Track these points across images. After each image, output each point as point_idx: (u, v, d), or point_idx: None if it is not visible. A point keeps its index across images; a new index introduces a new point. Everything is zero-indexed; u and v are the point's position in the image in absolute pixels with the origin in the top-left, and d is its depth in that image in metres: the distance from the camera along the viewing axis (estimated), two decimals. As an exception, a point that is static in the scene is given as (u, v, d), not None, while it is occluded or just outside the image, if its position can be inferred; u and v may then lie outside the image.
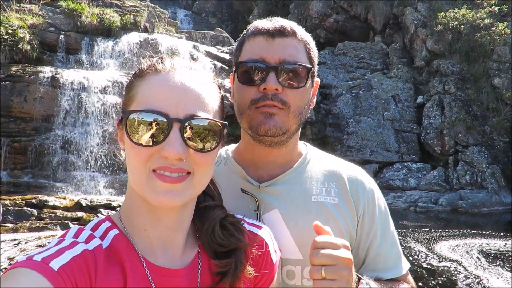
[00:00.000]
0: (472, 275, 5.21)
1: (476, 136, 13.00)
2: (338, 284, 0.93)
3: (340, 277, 0.93)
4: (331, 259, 0.93)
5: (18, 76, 10.84)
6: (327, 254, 0.94)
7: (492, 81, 13.70)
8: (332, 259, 0.94)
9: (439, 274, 5.28)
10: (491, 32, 13.91)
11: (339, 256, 0.94)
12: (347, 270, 0.95)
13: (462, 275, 5.21)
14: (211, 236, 0.97)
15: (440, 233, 8.17)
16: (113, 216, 0.96)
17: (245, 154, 1.31)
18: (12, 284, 0.71)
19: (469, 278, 5.04)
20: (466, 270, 5.42)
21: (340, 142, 13.81)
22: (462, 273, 5.29)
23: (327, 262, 0.94)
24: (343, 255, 0.95)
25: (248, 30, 1.27)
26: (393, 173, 12.85)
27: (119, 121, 0.94)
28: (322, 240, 0.97)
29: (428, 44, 15.17)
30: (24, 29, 11.80)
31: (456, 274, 5.22)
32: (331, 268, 0.93)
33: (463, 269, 5.46)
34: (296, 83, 1.18)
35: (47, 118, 10.81)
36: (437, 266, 5.64)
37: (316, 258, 0.94)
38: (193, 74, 0.92)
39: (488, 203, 11.48)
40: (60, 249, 0.80)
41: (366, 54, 16.92)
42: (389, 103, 14.64)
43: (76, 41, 12.97)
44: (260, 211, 1.22)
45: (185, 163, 0.86)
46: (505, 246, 7.20)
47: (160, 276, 0.88)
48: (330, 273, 0.93)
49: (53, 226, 7.47)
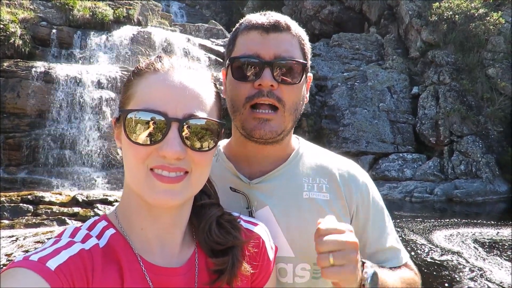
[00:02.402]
0: (476, 267, 5.26)
1: (470, 126, 13.08)
2: (347, 269, 0.91)
3: (349, 261, 0.91)
4: (338, 244, 0.91)
5: (10, 71, 10.73)
6: (333, 239, 0.92)
7: (486, 71, 13.74)
8: (339, 244, 0.91)
9: (438, 266, 5.33)
10: (485, 22, 13.91)
11: (345, 240, 0.92)
12: (354, 253, 0.93)
13: (462, 266, 5.27)
14: (207, 234, 0.97)
15: (436, 223, 8.26)
16: (109, 215, 0.96)
17: (237, 150, 1.29)
18: (9, 284, 0.71)
19: (473, 272, 5.10)
20: (467, 262, 5.48)
21: (335, 134, 13.84)
22: (463, 265, 5.35)
23: (334, 248, 0.91)
24: (349, 239, 0.93)
25: (241, 24, 1.24)
26: (389, 164, 12.92)
27: (116, 120, 0.94)
28: (326, 227, 0.94)
29: (423, 34, 15.16)
30: (16, 24, 11.64)
31: (459, 266, 5.27)
32: (339, 253, 0.91)
33: (465, 261, 5.51)
34: (291, 79, 1.17)
35: (41, 114, 10.72)
36: (434, 258, 5.71)
37: (322, 246, 0.92)
38: (191, 74, 0.92)
39: (483, 193, 11.60)
40: (56, 248, 0.80)
41: (361, 45, 16.89)
42: (384, 94, 14.67)
43: (68, 35, 12.82)
44: (252, 208, 1.21)
45: (183, 162, 0.86)
46: (498, 234, 7.29)
47: (158, 275, 0.89)
48: (338, 259, 0.90)
49: (49, 222, 7.46)
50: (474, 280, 4.76)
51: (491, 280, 4.77)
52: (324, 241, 0.92)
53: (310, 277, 1.20)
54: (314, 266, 1.19)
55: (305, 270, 1.19)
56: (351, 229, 0.97)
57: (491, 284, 4.67)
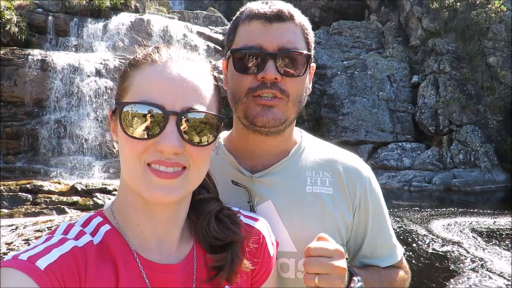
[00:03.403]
0: (476, 257, 5.29)
1: (470, 115, 13.06)
2: None
3: (332, 285, 0.95)
4: (324, 268, 0.95)
5: (6, 59, 10.62)
6: (321, 263, 0.95)
7: (487, 60, 13.66)
8: (326, 268, 0.95)
9: (440, 257, 5.36)
10: (487, 9, 13.77)
11: (332, 265, 0.95)
12: (339, 279, 0.96)
13: (463, 257, 5.29)
14: (206, 230, 0.95)
15: (433, 212, 8.30)
16: (105, 211, 0.94)
17: (238, 142, 1.26)
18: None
19: (475, 262, 5.12)
20: (468, 252, 5.51)
21: (335, 123, 13.81)
22: (464, 255, 5.37)
23: (320, 271, 0.95)
24: (336, 264, 0.96)
25: (242, 13, 1.20)
26: (388, 153, 12.93)
27: (112, 112, 0.91)
28: (316, 247, 0.97)
29: (424, 22, 15.01)
30: (11, 11, 11.48)
31: (460, 257, 5.30)
32: (325, 277, 0.95)
33: (465, 252, 5.53)
34: (295, 71, 1.13)
35: (38, 102, 10.66)
36: (436, 249, 5.74)
37: (309, 267, 0.96)
38: (190, 65, 0.89)
39: (481, 182, 11.64)
40: (47, 246, 0.77)
41: (362, 34, 16.73)
42: (384, 83, 14.59)
43: (65, 22, 12.66)
44: (253, 202, 1.19)
45: (181, 157, 0.84)
46: (495, 224, 7.33)
47: (155, 272, 0.87)
48: (323, 282, 0.94)
49: (49, 211, 7.46)
50: (475, 270, 4.79)
51: (491, 270, 4.80)
52: (311, 262, 0.96)
53: None
54: None
55: None
56: (342, 253, 0.99)
57: (492, 274, 4.70)
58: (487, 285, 4.40)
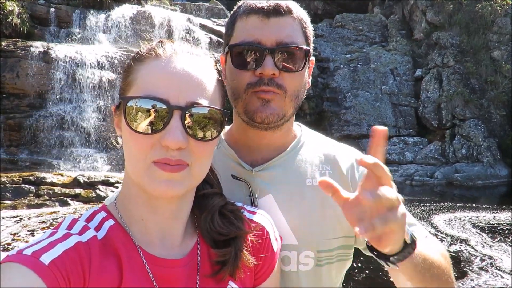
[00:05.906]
0: (486, 255, 5.27)
1: (473, 110, 13.00)
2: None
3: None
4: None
5: (9, 51, 10.59)
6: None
7: (491, 54, 13.56)
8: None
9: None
10: (492, 2, 13.64)
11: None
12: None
13: (473, 257, 5.26)
14: (210, 225, 0.96)
15: (433, 207, 8.30)
16: (109, 206, 0.94)
17: (238, 137, 1.27)
18: (0, 280, 0.69)
19: (478, 258, 5.11)
20: (471, 247, 5.50)
21: (337, 116, 13.77)
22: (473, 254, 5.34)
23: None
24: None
25: (240, 8, 1.18)
26: (390, 147, 12.91)
27: (116, 107, 0.91)
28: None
29: (428, 15, 14.88)
30: (13, 2, 11.43)
31: (468, 256, 5.27)
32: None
33: (473, 250, 5.51)
34: (294, 66, 1.13)
35: (41, 94, 10.65)
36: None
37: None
38: (194, 60, 0.88)
39: (483, 176, 11.63)
40: (52, 241, 0.77)
41: (365, 27, 16.61)
42: (387, 77, 14.52)
43: (67, 14, 12.60)
44: (254, 196, 1.19)
45: (184, 153, 0.84)
46: (494, 219, 7.33)
47: (159, 267, 0.87)
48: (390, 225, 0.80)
49: (52, 202, 7.51)
50: (485, 270, 4.76)
51: (500, 269, 4.78)
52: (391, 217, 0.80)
53: (314, 265, 1.19)
54: (318, 254, 1.18)
55: (309, 257, 1.18)
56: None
57: (502, 272, 4.68)
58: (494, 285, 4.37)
